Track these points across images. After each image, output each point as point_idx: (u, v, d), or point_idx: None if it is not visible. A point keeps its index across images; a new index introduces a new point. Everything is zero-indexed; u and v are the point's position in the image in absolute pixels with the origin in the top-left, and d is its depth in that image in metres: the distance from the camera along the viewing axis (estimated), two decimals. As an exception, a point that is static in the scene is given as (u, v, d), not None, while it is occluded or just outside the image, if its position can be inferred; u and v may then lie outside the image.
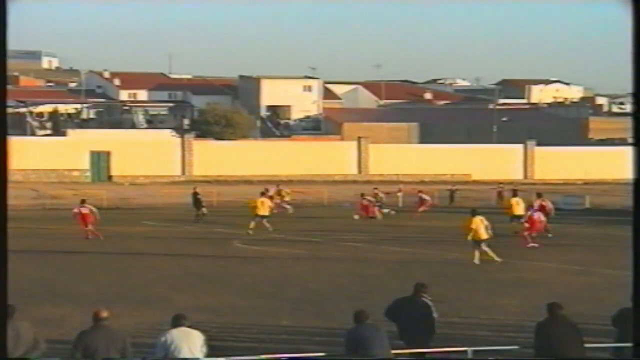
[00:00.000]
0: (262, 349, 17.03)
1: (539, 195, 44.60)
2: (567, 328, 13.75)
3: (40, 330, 14.15)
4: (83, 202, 41.40)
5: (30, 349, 12.94)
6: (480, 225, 31.34)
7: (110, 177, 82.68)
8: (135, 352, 13.69)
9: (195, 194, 50.40)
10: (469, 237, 31.33)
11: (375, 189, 55.77)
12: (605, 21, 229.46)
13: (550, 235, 40.12)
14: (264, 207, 42.88)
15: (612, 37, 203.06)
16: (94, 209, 40.94)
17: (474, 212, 32.23)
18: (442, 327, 15.93)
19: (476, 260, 30.97)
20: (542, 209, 41.66)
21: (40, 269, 30.00)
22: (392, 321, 15.38)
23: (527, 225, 37.93)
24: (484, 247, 31.17)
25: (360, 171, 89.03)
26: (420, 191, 56.58)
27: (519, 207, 41.84)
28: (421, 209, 53.38)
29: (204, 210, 48.95)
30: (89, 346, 12.85)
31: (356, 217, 50.90)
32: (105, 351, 12.83)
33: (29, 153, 76.03)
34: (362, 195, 52.62)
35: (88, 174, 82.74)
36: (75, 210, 40.72)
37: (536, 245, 36.43)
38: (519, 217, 40.78)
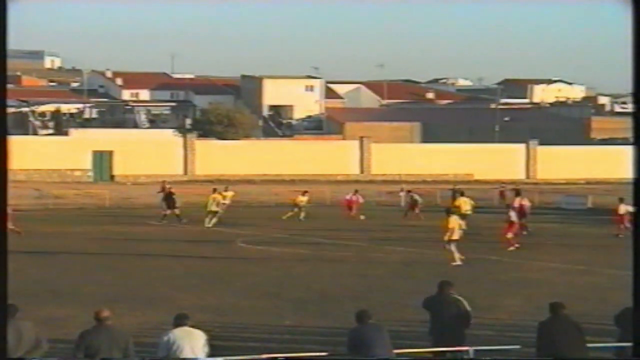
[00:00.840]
0: (265, 349, 16.91)
1: (518, 194, 44.59)
2: (570, 327, 13.73)
3: (43, 330, 14.04)
4: None
5: (33, 348, 12.86)
6: (456, 225, 31.24)
7: (112, 177, 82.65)
8: (137, 351, 13.62)
9: (170, 193, 50.01)
10: (446, 238, 31.14)
11: (356, 191, 55.68)
12: (607, 21, 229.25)
13: (525, 232, 40.02)
14: (214, 203, 45.36)
15: (614, 36, 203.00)
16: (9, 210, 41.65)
17: (449, 212, 32.30)
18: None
19: (457, 261, 30.79)
20: (520, 208, 41.26)
21: (43, 269, 29.97)
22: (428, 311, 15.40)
23: (505, 225, 37.19)
24: (452, 247, 30.99)
25: (362, 171, 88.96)
26: (409, 191, 56.48)
27: (466, 206, 42.23)
28: (416, 209, 52.96)
29: (177, 210, 48.58)
30: (91, 346, 12.79)
31: (362, 217, 51.46)
32: (108, 351, 12.76)
33: (32, 153, 76.01)
34: (356, 191, 54.41)
35: (90, 173, 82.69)
36: None
37: (517, 245, 35.59)
38: (465, 215, 41.28)
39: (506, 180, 72.59)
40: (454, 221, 31.39)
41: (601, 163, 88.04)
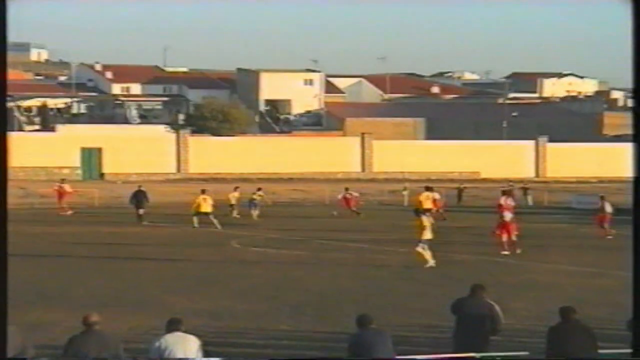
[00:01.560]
0: (261, 355, 17.06)
1: (504, 192, 44.06)
2: (581, 333, 13.47)
3: (30, 335, 13.93)
4: None
5: (18, 354, 12.52)
6: (428, 225, 30.86)
7: (102, 175, 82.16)
8: (128, 357, 13.57)
9: (142, 192, 49.49)
10: (422, 237, 30.56)
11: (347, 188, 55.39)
12: (622, 12, 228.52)
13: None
14: (206, 204, 45.41)
15: (627, 29, 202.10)
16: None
17: (418, 212, 32.03)
18: (449, 331, 15.65)
19: (431, 263, 30.24)
20: (499, 207, 40.08)
21: (30, 272, 29.28)
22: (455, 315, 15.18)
23: (497, 228, 35.84)
24: (419, 247, 30.39)
25: (363, 169, 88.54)
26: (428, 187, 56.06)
27: (427, 201, 42.67)
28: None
29: (141, 211, 48.03)
30: (79, 351, 12.59)
31: (334, 213, 52.31)
32: (97, 357, 12.56)
33: (17, 149, 75.02)
34: (346, 189, 54.96)
35: (79, 171, 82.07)
36: None
37: (508, 253, 34.29)
38: (428, 210, 40.88)
39: (514, 178, 72.10)
40: (427, 220, 31.26)
41: (614, 160, 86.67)
